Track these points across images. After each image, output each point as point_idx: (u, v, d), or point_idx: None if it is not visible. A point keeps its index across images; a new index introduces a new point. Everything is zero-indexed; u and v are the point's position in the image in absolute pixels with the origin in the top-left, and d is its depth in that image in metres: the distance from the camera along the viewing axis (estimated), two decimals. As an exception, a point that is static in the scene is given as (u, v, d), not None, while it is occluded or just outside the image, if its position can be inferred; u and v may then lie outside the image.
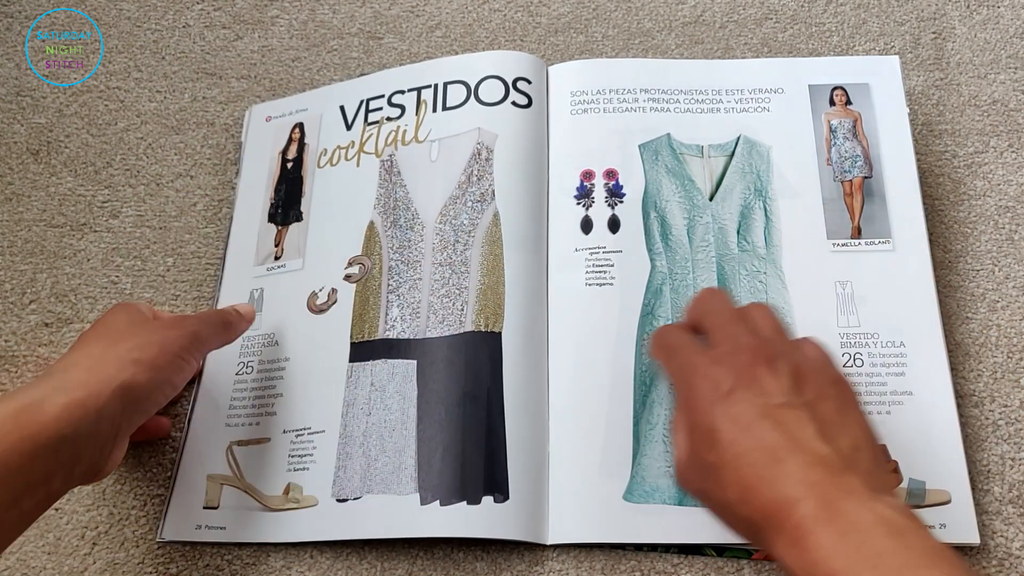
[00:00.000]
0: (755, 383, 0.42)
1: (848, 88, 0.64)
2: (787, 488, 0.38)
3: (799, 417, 0.40)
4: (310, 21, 0.74)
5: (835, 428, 0.41)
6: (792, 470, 0.38)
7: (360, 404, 0.58)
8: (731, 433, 0.41)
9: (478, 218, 0.61)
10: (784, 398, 0.41)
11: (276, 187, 0.67)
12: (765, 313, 0.47)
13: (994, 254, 0.61)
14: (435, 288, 0.60)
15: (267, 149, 0.69)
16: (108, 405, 0.46)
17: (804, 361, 0.44)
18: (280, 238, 0.65)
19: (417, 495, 0.54)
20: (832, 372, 0.44)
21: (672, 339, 0.47)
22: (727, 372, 0.43)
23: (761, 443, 0.40)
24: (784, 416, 0.40)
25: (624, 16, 0.73)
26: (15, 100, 0.71)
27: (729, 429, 0.41)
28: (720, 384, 0.42)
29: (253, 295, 0.63)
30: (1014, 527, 0.53)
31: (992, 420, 0.56)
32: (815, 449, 0.39)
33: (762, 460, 0.39)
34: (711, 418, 0.41)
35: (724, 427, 0.41)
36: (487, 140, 0.64)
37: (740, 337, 0.45)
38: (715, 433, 0.41)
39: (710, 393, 0.42)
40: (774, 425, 0.40)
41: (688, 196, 0.61)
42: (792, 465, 0.39)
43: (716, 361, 0.44)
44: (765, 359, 0.43)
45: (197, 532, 0.56)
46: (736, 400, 0.41)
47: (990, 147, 0.65)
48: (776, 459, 0.39)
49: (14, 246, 0.65)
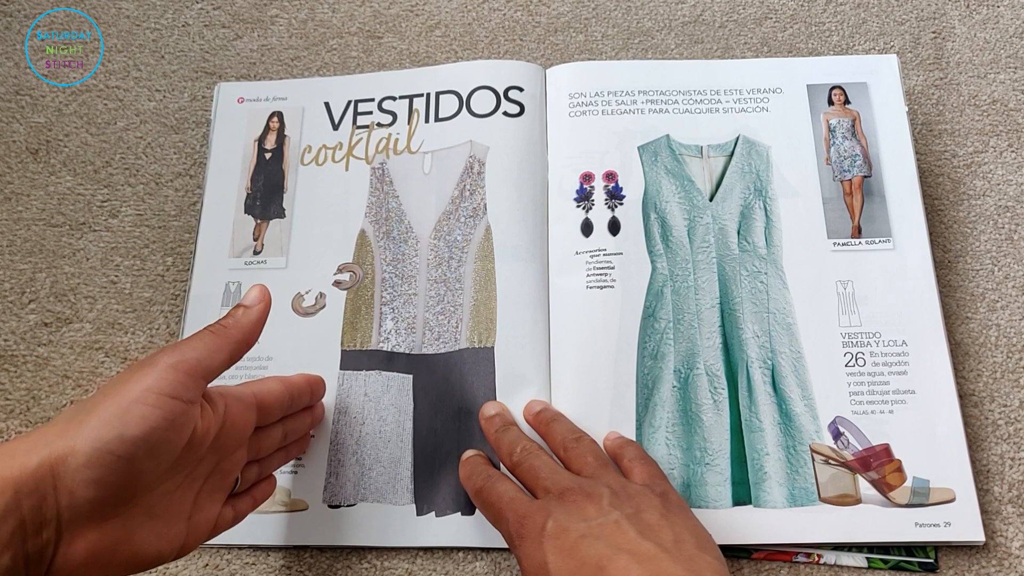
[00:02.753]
0: (576, 512, 0.44)
1: (846, 87, 0.64)
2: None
3: (619, 525, 0.42)
4: (309, 20, 0.74)
5: (655, 529, 0.42)
6: (615, 572, 0.40)
7: (353, 413, 0.58)
8: (557, 561, 0.42)
9: (471, 233, 0.61)
10: (604, 518, 0.43)
11: (253, 177, 0.66)
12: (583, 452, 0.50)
13: (993, 254, 0.61)
14: (430, 305, 0.60)
15: (240, 133, 0.68)
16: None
17: (626, 484, 0.46)
18: (260, 232, 0.64)
19: (413, 506, 0.55)
20: (658, 487, 0.46)
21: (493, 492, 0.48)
22: (547, 508, 0.44)
23: (586, 560, 0.41)
24: (604, 529, 0.42)
25: (624, 16, 0.73)
26: (14, 99, 0.71)
27: (555, 559, 0.42)
28: (543, 522, 0.44)
29: (229, 288, 0.62)
30: (1014, 526, 0.53)
31: (992, 420, 0.56)
32: (636, 548, 0.41)
33: (588, 574, 0.40)
34: (540, 554, 0.43)
35: (551, 559, 0.42)
36: (479, 153, 0.64)
37: (561, 480, 0.46)
38: (545, 567, 0.42)
39: (536, 532, 0.44)
40: (595, 540, 0.42)
41: (688, 197, 0.61)
42: (615, 569, 0.40)
43: (539, 505, 0.45)
44: (584, 493, 0.45)
45: None
46: (559, 531, 0.43)
47: (990, 147, 0.65)
48: (600, 568, 0.40)
49: (13, 245, 0.65)
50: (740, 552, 0.53)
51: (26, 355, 0.62)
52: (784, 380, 0.56)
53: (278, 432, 0.51)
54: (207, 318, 0.60)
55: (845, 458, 0.53)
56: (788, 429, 0.55)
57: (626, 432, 0.55)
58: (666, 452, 0.54)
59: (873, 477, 0.53)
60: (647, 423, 0.55)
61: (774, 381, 0.56)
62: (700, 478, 0.54)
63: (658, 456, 0.54)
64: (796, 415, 0.55)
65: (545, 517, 0.44)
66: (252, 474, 0.50)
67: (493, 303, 0.59)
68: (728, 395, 0.56)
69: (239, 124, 0.68)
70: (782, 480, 0.53)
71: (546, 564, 0.42)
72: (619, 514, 0.43)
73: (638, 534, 0.41)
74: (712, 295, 0.58)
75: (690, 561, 0.40)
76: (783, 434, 0.55)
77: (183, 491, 0.43)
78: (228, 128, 0.68)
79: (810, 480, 0.53)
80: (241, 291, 0.62)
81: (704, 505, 0.53)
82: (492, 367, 0.57)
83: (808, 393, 0.55)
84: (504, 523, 0.46)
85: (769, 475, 0.53)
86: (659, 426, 0.55)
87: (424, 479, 0.55)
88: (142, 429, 0.38)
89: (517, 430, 0.53)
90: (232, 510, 0.48)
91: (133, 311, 0.63)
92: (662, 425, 0.55)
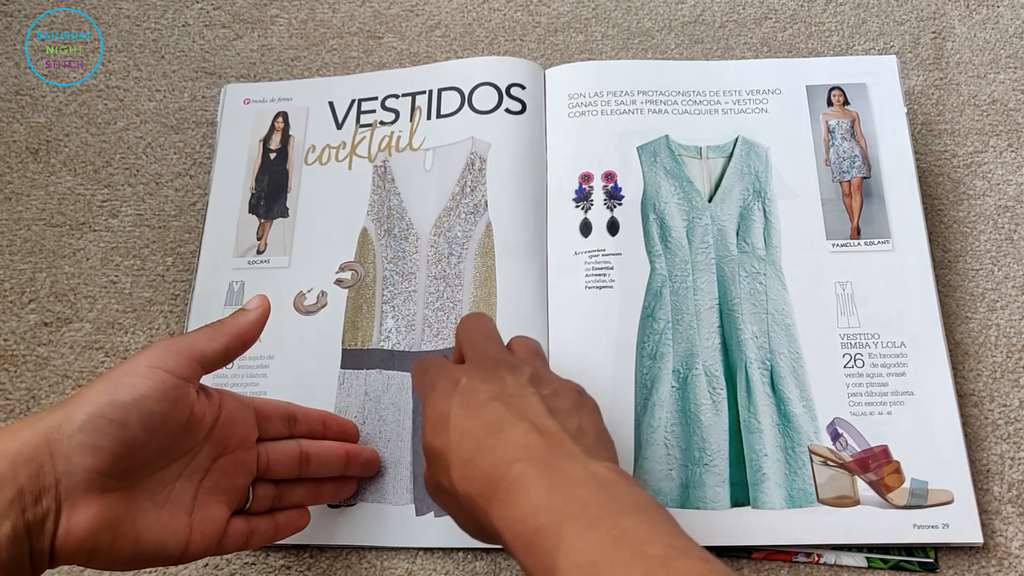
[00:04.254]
0: (494, 379, 0.42)
1: (846, 88, 0.64)
2: (505, 452, 0.38)
3: (529, 399, 0.41)
4: (310, 20, 0.74)
5: (564, 414, 0.41)
6: (512, 437, 0.39)
7: (353, 412, 0.58)
8: (460, 416, 0.41)
9: (471, 230, 0.61)
10: (518, 389, 0.42)
11: (258, 177, 0.66)
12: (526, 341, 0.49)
13: (993, 254, 0.61)
14: (430, 301, 0.60)
15: (246, 134, 0.68)
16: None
17: (550, 373, 0.45)
18: (263, 231, 0.64)
19: (412, 506, 0.55)
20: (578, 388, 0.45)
21: (428, 362, 0.48)
22: (467, 370, 0.43)
23: (487, 420, 0.40)
24: (515, 400, 0.41)
25: (624, 16, 0.73)
26: (15, 99, 0.71)
27: (458, 413, 0.41)
28: (459, 378, 0.43)
29: (232, 287, 0.62)
30: (1013, 526, 0.53)
31: (991, 420, 0.56)
32: (539, 422, 0.40)
33: (484, 432, 0.40)
34: (446, 405, 0.42)
35: (454, 412, 0.41)
36: (480, 150, 0.64)
37: (490, 350, 0.46)
38: (446, 418, 0.41)
39: (449, 387, 0.43)
40: (502, 405, 0.41)
41: (687, 198, 0.61)
42: (513, 434, 0.39)
43: (461, 367, 0.44)
44: (508, 366, 0.44)
45: None
46: (471, 389, 0.42)
47: (989, 147, 0.65)
48: (499, 429, 0.39)
49: (13, 245, 0.65)
50: (739, 552, 0.53)
51: (26, 355, 0.62)
52: (783, 381, 0.56)
53: (292, 449, 0.50)
54: (211, 317, 0.60)
55: (843, 459, 0.53)
56: (787, 430, 0.55)
57: (624, 432, 0.55)
58: (664, 452, 0.54)
59: (871, 478, 0.53)
60: (646, 423, 0.55)
61: (773, 382, 0.56)
62: (699, 479, 0.54)
63: (656, 456, 0.54)
64: (795, 416, 0.55)
65: (461, 374, 0.43)
66: (267, 493, 0.49)
67: (493, 300, 0.59)
68: (727, 395, 0.56)
69: (244, 125, 0.68)
70: (780, 481, 0.53)
71: (448, 415, 0.41)
72: (534, 390, 0.42)
73: (546, 411, 0.40)
74: (711, 296, 0.58)
75: (588, 448, 0.39)
76: (782, 435, 0.55)
77: (184, 483, 0.44)
78: (234, 129, 0.68)
79: (808, 481, 0.53)
80: (244, 290, 0.62)
81: (702, 506, 0.53)
82: None
83: (807, 394, 0.55)
84: (427, 381, 0.45)
85: (767, 476, 0.53)
86: (658, 426, 0.55)
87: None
88: (132, 395, 0.40)
89: None
90: (247, 525, 0.48)
91: (133, 311, 0.63)
92: (661, 425, 0.55)
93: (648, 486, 0.53)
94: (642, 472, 0.54)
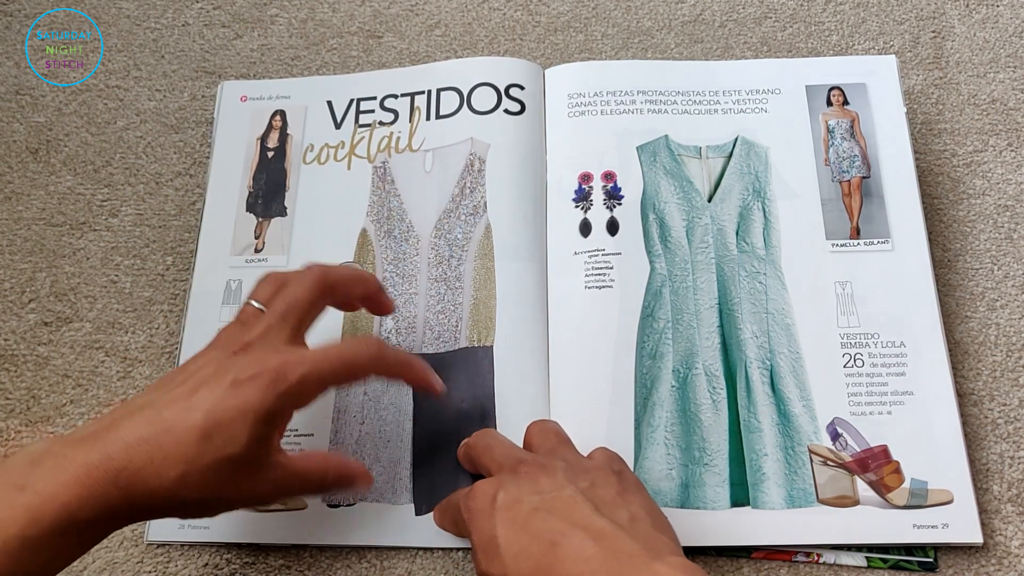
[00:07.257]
0: (529, 484, 0.42)
1: (845, 88, 0.64)
2: (564, 569, 0.38)
3: (574, 499, 0.40)
4: (309, 20, 0.74)
5: (611, 506, 0.41)
6: (569, 550, 0.38)
7: (353, 412, 0.58)
8: (507, 535, 0.40)
9: (471, 231, 0.61)
10: (557, 491, 0.41)
11: (255, 176, 0.66)
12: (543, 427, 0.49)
13: (993, 253, 0.61)
14: (431, 304, 0.60)
15: (243, 132, 0.67)
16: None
17: (582, 460, 0.45)
18: (261, 230, 0.64)
19: (412, 505, 0.55)
20: (615, 466, 0.45)
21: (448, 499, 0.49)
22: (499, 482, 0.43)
23: (538, 535, 0.39)
24: (557, 504, 0.40)
25: (624, 15, 0.73)
26: (15, 99, 0.71)
27: (505, 533, 0.40)
28: (494, 494, 0.42)
29: (230, 286, 0.62)
30: (1013, 525, 0.53)
31: (991, 419, 0.56)
32: (591, 524, 0.39)
33: (538, 550, 0.39)
34: (490, 527, 0.41)
35: (501, 532, 0.40)
36: (480, 151, 0.64)
37: (513, 454, 0.46)
38: (495, 540, 0.40)
39: (487, 506, 0.42)
40: (548, 515, 0.40)
41: (687, 197, 0.61)
42: (569, 546, 0.38)
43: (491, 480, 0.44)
44: (539, 466, 0.43)
45: (180, 532, 0.55)
46: (510, 503, 0.41)
47: (989, 146, 0.65)
48: (553, 544, 0.39)
49: (13, 245, 0.65)
50: (739, 552, 0.53)
51: (26, 354, 0.62)
52: (783, 381, 0.56)
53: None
54: (208, 316, 0.61)
55: (843, 459, 0.53)
56: (786, 430, 0.55)
57: (624, 431, 0.55)
58: (664, 452, 0.55)
59: (871, 478, 0.53)
60: (645, 423, 0.55)
61: (772, 382, 0.56)
62: (698, 479, 0.54)
63: (656, 456, 0.54)
64: (794, 416, 0.55)
65: (496, 488, 0.42)
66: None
67: (492, 301, 0.59)
68: (727, 395, 0.56)
69: (242, 122, 0.68)
70: (780, 481, 0.53)
71: (495, 538, 0.40)
72: (574, 488, 0.41)
73: (593, 510, 0.40)
74: (711, 295, 0.58)
75: (647, 539, 0.39)
76: (781, 435, 0.55)
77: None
78: (231, 126, 0.68)
79: (808, 481, 0.53)
80: (242, 289, 0.62)
81: (702, 506, 0.53)
82: (491, 366, 0.57)
83: (806, 394, 0.55)
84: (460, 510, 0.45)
85: (767, 476, 0.53)
86: (657, 426, 0.55)
87: (423, 479, 0.55)
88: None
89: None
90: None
91: (133, 311, 0.63)
92: (660, 425, 0.55)
93: (648, 485, 0.53)
94: (642, 472, 0.54)
